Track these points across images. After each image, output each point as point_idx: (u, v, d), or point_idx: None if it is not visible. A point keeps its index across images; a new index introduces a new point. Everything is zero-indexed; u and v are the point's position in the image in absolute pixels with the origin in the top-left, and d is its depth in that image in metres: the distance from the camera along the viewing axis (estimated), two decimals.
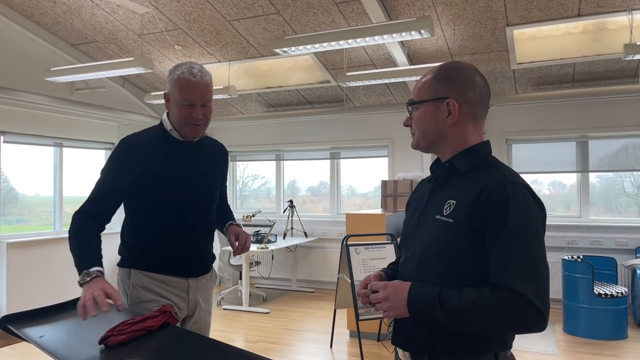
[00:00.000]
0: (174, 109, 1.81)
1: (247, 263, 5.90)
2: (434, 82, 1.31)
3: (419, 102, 1.33)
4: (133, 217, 1.89)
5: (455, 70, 1.31)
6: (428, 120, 1.31)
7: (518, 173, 1.26)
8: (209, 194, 1.95)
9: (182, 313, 1.91)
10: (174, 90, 1.79)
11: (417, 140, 1.36)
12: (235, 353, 1.33)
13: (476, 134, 1.32)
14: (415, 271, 1.29)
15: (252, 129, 7.53)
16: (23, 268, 5.40)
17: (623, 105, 5.65)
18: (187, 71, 1.77)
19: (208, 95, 1.82)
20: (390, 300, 1.21)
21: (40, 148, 5.88)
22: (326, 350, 4.40)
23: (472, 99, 1.29)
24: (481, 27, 4.67)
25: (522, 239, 1.14)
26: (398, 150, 6.68)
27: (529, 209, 1.17)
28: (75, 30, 5.43)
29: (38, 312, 1.63)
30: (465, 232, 1.19)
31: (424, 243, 1.28)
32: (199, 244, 1.93)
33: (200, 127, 1.83)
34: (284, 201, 7.40)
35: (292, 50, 4.13)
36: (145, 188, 1.82)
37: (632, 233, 5.61)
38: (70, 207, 6.22)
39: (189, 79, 1.76)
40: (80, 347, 1.37)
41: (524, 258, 1.13)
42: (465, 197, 1.22)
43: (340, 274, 4.28)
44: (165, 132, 1.87)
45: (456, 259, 1.21)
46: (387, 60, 5.41)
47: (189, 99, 1.77)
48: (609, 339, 4.61)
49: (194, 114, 1.79)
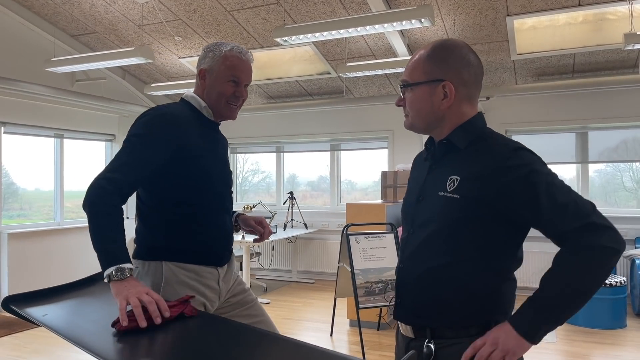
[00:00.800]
0: (215, 85, 1.73)
1: (248, 254, 5.91)
2: (428, 63, 1.28)
3: (414, 83, 1.30)
4: (164, 199, 1.65)
5: (450, 50, 1.28)
6: (423, 103, 1.29)
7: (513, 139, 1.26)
8: (231, 177, 1.89)
9: (213, 306, 1.74)
10: (218, 65, 1.72)
11: (412, 121, 1.34)
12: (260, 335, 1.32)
13: (472, 108, 1.32)
14: (418, 248, 1.30)
15: (252, 120, 7.53)
16: (24, 258, 5.43)
17: (623, 96, 5.65)
18: (236, 49, 1.73)
19: (251, 78, 1.80)
20: (500, 342, 1.13)
21: (41, 140, 5.89)
22: (327, 339, 4.43)
23: (467, 80, 1.28)
24: (481, 17, 4.66)
25: (554, 187, 1.15)
26: (398, 142, 6.69)
27: (540, 165, 1.19)
28: (75, 20, 5.42)
29: (41, 292, 1.63)
30: (473, 207, 1.19)
31: (426, 219, 1.28)
32: (229, 228, 1.82)
33: (237, 109, 1.80)
34: (284, 193, 7.41)
35: (293, 39, 4.13)
36: (185, 164, 1.63)
37: (631, 223, 5.63)
38: (70, 201, 6.23)
39: (240, 57, 1.73)
40: (85, 325, 1.38)
41: (568, 199, 1.14)
42: (471, 172, 1.22)
43: (340, 263, 4.30)
44: (194, 109, 1.75)
45: (463, 233, 1.21)
46: (387, 50, 5.41)
47: (237, 76, 1.73)
48: (608, 328, 4.63)
49: (237, 92, 1.75)
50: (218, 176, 1.76)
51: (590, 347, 4.16)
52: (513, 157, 1.19)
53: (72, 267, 5.95)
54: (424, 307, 1.27)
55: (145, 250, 1.69)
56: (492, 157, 1.21)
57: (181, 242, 1.67)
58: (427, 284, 1.27)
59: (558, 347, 4.15)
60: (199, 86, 1.78)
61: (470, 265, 1.21)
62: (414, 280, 1.30)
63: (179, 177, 1.64)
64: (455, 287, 1.22)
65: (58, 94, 5.65)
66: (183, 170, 1.64)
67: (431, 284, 1.26)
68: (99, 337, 1.28)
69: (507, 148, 1.22)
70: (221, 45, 1.74)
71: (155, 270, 1.65)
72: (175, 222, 1.66)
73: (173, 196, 1.65)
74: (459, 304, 1.22)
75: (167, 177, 1.63)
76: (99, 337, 1.28)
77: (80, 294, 1.66)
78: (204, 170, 1.68)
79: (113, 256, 1.43)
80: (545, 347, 4.12)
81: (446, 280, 1.24)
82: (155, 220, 1.68)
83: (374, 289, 3.95)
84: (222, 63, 1.72)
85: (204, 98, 1.76)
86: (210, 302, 1.72)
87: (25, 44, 5.50)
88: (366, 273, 4.00)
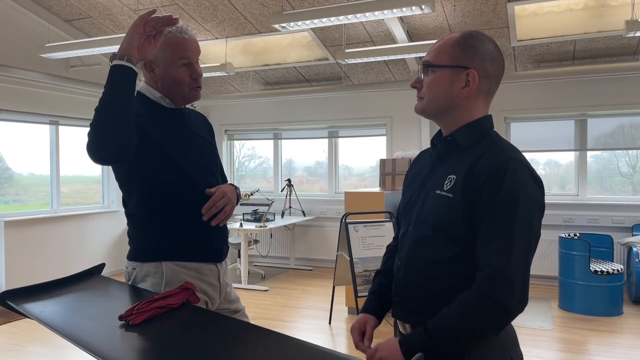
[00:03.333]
0: (168, 74, 1.62)
1: (246, 241, 5.91)
2: (456, 48, 1.25)
3: (438, 65, 1.26)
4: (147, 200, 1.60)
5: (480, 41, 1.25)
6: (443, 86, 1.25)
7: (518, 149, 1.24)
8: (217, 163, 1.80)
9: (214, 304, 1.70)
10: (163, 53, 1.60)
11: (425, 105, 1.29)
12: (261, 333, 1.31)
13: (484, 108, 1.30)
14: (413, 245, 1.29)
15: (249, 107, 7.47)
16: (21, 246, 5.41)
17: (623, 83, 5.62)
18: (175, 30, 1.60)
19: (199, 51, 1.68)
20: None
21: (36, 126, 5.83)
22: (325, 327, 4.45)
23: (491, 74, 1.26)
24: (482, 3, 4.60)
25: (509, 215, 1.13)
26: (397, 129, 6.65)
27: (524, 186, 1.15)
28: (69, 5, 5.33)
29: (38, 287, 1.61)
30: (462, 205, 1.18)
31: (422, 217, 1.28)
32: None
33: (201, 88, 1.71)
34: (282, 180, 7.39)
35: (291, 25, 4.07)
36: (154, 161, 1.57)
37: (628, 211, 5.64)
38: (67, 187, 6.19)
39: (183, 37, 1.62)
40: (83, 322, 1.37)
41: (503, 233, 1.13)
42: (465, 171, 1.21)
43: (339, 251, 4.30)
44: (151, 102, 1.65)
45: (453, 233, 1.20)
46: (386, 37, 5.35)
47: (187, 57, 1.62)
48: (605, 315, 4.66)
49: (193, 73, 1.64)
50: (197, 165, 1.67)
51: (587, 334, 4.19)
52: (505, 164, 1.16)
53: (69, 255, 5.93)
54: (422, 305, 1.26)
55: (142, 253, 1.63)
56: (481, 157, 1.20)
57: (178, 240, 1.61)
58: (424, 282, 1.26)
59: (554, 335, 4.18)
60: (149, 77, 1.67)
61: (466, 264, 1.20)
62: (411, 278, 1.29)
63: (153, 176, 1.58)
64: (452, 286, 1.21)
65: (53, 80, 5.57)
66: (154, 168, 1.58)
67: (428, 282, 1.25)
68: (98, 335, 1.27)
69: (505, 154, 1.19)
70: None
71: (155, 271, 1.60)
72: (166, 222, 1.61)
73: (155, 196, 1.59)
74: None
75: (142, 177, 1.58)
76: (98, 335, 1.27)
77: (77, 289, 1.64)
78: (176, 164, 1.60)
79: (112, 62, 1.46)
80: (542, 335, 4.15)
81: (443, 279, 1.23)
82: (146, 222, 1.63)
83: (372, 277, 3.95)
84: (166, 49, 1.60)
85: (158, 88, 1.66)
86: (211, 300, 1.68)
87: (18, 29, 5.41)
88: (365, 262, 4.00)
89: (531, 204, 1.15)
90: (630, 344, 3.98)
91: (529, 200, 1.15)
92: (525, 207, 1.14)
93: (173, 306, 1.40)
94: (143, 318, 1.30)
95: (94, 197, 6.63)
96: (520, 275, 1.12)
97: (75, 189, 6.45)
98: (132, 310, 1.31)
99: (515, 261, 1.11)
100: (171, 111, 1.69)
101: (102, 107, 1.39)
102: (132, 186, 1.62)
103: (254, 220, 6.24)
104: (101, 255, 6.31)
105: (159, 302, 1.37)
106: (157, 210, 1.60)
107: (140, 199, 1.61)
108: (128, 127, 1.41)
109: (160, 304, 1.37)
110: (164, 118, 1.65)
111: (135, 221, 1.66)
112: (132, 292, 1.59)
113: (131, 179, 1.60)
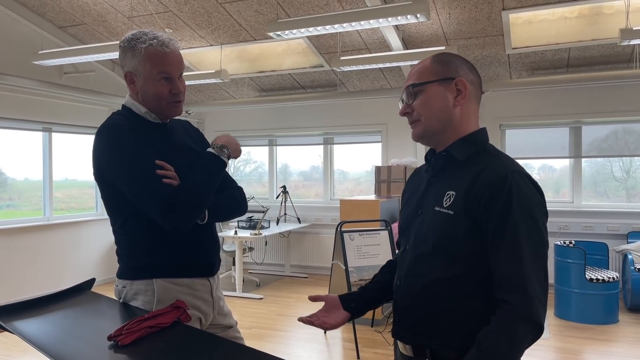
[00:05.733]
0: (147, 89, 1.57)
1: (241, 249, 5.87)
2: (436, 65, 1.27)
3: (426, 82, 1.26)
4: (141, 214, 1.54)
5: (452, 56, 1.30)
6: (438, 101, 1.25)
7: (516, 161, 1.23)
8: None
9: (207, 319, 1.65)
10: (143, 66, 1.54)
11: (425, 125, 1.27)
12: (252, 355, 1.28)
13: (476, 119, 1.30)
14: (412, 263, 1.27)
15: (244, 113, 7.45)
16: (13, 255, 5.35)
17: (617, 91, 5.64)
18: (156, 42, 1.54)
19: (183, 66, 1.62)
20: None
21: (29, 133, 5.78)
22: (320, 336, 4.41)
23: (474, 80, 1.28)
24: (477, 11, 4.61)
25: (528, 231, 1.13)
26: (392, 136, 6.64)
27: (531, 197, 1.15)
28: (63, 12, 5.30)
29: (27, 303, 1.58)
30: (464, 222, 1.16)
31: (420, 234, 1.26)
32: (214, 232, 1.71)
33: (182, 103, 1.65)
34: (277, 187, 7.36)
35: (286, 33, 4.05)
36: None
37: (623, 218, 5.65)
38: (60, 191, 6.14)
39: (163, 50, 1.54)
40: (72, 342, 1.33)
41: (525, 250, 1.12)
42: (465, 187, 1.19)
43: (334, 260, 4.27)
44: (137, 116, 1.61)
45: (454, 251, 1.18)
46: (381, 44, 5.35)
47: (167, 71, 1.55)
48: (601, 323, 4.65)
49: (173, 88, 1.58)
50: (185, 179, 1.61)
51: (583, 343, 4.18)
52: (509, 178, 1.15)
53: (61, 264, 5.87)
54: (423, 325, 1.24)
55: (131, 271, 1.58)
56: (482, 171, 1.18)
57: (168, 257, 1.57)
58: (424, 301, 1.23)
59: (551, 344, 4.16)
60: (130, 89, 1.62)
61: (466, 283, 1.18)
62: (411, 297, 1.27)
63: None
64: (452, 305, 1.19)
65: (46, 87, 5.53)
66: None
67: (428, 302, 1.23)
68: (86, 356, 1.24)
69: (505, 167, 1.18)
70: (137, 41, 1.55)
71: (146, 289, 1.55)
72: (155, 238, 1.55)
73: (143, 214, 1.51)
74: (458, 323, 1.19)
75: (126, 197, 1.52)
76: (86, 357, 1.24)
77: (67, 305, 1.61)
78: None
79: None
80: (539, 344, 4.13)
81: (443, 298, 1.20)
82: (134, 239, 1.58)
83: None
84: (146, 62, 1.54)
85: (141, 102, 1.61)
86: (205, 316, 1.64)
87: (11, 35, 5.37)
88: (360, 270, 3.97)
89: (541, 213, 1.17)
90: (626, 353, 3.96)
91: (538, 210, 1.16)
92: (538, 219, 1.15)
93: (164, 325, 1.37)
94: (133, 338, 1.27)
95: (87, 202, 6.57)
96: (545, 291, 1.14)
97: (69, 194, 6.39)
98: (121, 330, 1.28)
99: (539, 277, 1.13)
100: (157, 126, 1.64)
101: (206, 186, 1.52)
102: (120, 205, 1.57)
103: (249, 227, 6.21)
104: (94, 264, 6.26)
105: (150, 322, 1.34)
106: (146, 227, 1.55)
107: (129, 217, 1.57)
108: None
109: (150, 323, 1.33)
110: (151, 133, 1.60)
111: (124, 239, 1.61)
112: (123, 309, 1.55)
113: (120, 198, 1.55)
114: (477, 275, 1.17)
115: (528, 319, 1.09)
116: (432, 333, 1.22)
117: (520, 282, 1.11)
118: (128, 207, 1.55)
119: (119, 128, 1.53)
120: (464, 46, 5.27)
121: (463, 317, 1.19)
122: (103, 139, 1.53)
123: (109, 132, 1.53)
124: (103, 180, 1.57)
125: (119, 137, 1.51)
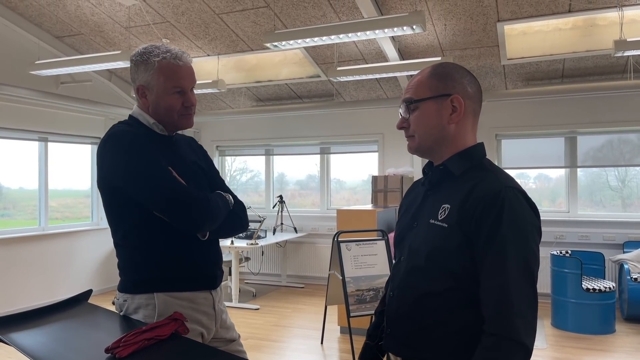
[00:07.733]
0: (160, 101, 1.58)
1: (237, 259, 5.85)
2: (432, 80, 1.26)
3: (421, 99, 1.26)
4: (142, 227, 1.54)
5: (451, 68, 1.28)
6: (431, 118, 1.25)
7: (512, 177, 1.23)
8: (208, 187, 1.74)
9: (210, 333, 1.63)
10: (156, 79, 1.56)
11: (419, 141, 1.28)
12: None
13: (473, 134, 1.30)
14: (405, 275, 1.28)
15: (241, 123, 7.46)
16: (8, 266, 5.31)
17: (612, 101, 5.68)
18: (170, 56, 1.56)
19: (194, 80, 1.64)
20: None
21: (25, 142, 5.76)
22: (317, 347, 4.39)
23: (472, 95, 1.27)
24: (472, 23, 4.65)
25: (516, 247, 1.11)
26: (388, 146, 6.66)
27: (523, 215, 1.14)
28: (60, 22, 5.31)
29: (24, 315, 1.57)
30: (457, 236, 1.17)
31: (415, 247, 1.26)
32: (216, 245, 1.71)
33: (193, 115, 1.68)
34: (274, 196, 7.36)
35: (283, 44, 4.07)
36: None
37: (619, 228, 5.67)
38: (56, 200, 6.11)
39: (176, 63, 1.57)
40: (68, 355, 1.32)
41: (510, 266, 1.10)
42: (459, 201, 1.19)
43: (331, 270, 4.26)
44: (144, 127, 1.61)
45: (447, 264, 1.18)
46: (377, 55, 5.38)
47: (180, 85, 1.58)
48: (597, 333, 4.65)
49: (186, 101, 1.61)
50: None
51: (580, 353, 4.17)
52: (502, 193, 1.14)
53: (56, 274, 5.83)
54: (413, 338, 1.24)
55: (132, 285, 1.57)
56: (476, 186, 1.18)
57: (170, 270, 1.56)
58: (415, 314, 1.23)
59: (548, 354, 4.16)
60: (142, 102, 1.63)
61: (458, 297, 1.18)
62: (403, 310, 1.27)
63: (141, 204, 1.51)
64: (443, 319, 1.19)
65: (42, 97, 5.53)
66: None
67: (419, 314, 1.23)
68: None
69: (499, 182, 1.18)
70: (150, 55, 1.57)
71: (147, 303, 1.53)
72: (157, 252, 1.55)
73: (146, 226, 1.53)
74: (449, 337, 1.19)
75: (136, 207, 1.51)
76: None
77: (63, 317, 1.60)
78: None
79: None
80: (535, 354, 4.12)
81: (434, 312, 1.20)
82: (136, 252, 1.56)
83: (365, 296, 3.92)
84: (159, 75, 1.56)
85: (150, 114, 1.62)
86: (207, 330, 1.62)
87: (8, 46, 5.37)
88: (357, 281, 3.96)
89: (533, 231, 1.14)
90: None
91: (529, 228, 1.14)
92: (528, 237, 1.13)
93: (162, 337, 1.36)
94: (130, 350, 1.26)
95: (83, 211, 6.54)
96: (532, 308, 1.09)
97: (64, 203, 6.36)
98: (119, 342, 1.27)
99: (525, 294, 1.09)
100: (163, 138, 1.65)
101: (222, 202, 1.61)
102: (122, 216, 1.57)
103: (245, 237, 6.19)
104: (89, 274, 6.22)
105: (147, 334, 1.33)
106: (147, 240, 1.55)
107: (131, 229, 1.56)
108: None
109: (148, 336, 1.33)
110: (157, 145, 1.60)
111: (125, 252, 1.60)
112: (120, 321, 1.55)
113: (123, 209, 1.55)
114: (469, 290, 1.16)
115: (507, 338, 1.05)
116: (422, 346, 1.22)
117: (500, 298, 1.08)
118: (130, 218, 1.55)
119: (127, 133, 1.54)
120: (459, 57, 5.31)
121: (454, 331, 1.18)
122: (111, 145, 1.53)
123: (119, 137, 1.53)
124: (108, 187, 1.56)
125: (129, 140, 1.52)
